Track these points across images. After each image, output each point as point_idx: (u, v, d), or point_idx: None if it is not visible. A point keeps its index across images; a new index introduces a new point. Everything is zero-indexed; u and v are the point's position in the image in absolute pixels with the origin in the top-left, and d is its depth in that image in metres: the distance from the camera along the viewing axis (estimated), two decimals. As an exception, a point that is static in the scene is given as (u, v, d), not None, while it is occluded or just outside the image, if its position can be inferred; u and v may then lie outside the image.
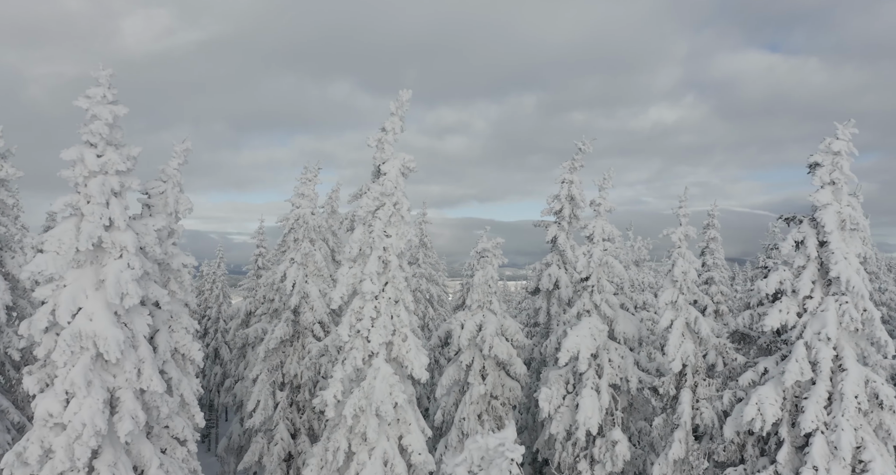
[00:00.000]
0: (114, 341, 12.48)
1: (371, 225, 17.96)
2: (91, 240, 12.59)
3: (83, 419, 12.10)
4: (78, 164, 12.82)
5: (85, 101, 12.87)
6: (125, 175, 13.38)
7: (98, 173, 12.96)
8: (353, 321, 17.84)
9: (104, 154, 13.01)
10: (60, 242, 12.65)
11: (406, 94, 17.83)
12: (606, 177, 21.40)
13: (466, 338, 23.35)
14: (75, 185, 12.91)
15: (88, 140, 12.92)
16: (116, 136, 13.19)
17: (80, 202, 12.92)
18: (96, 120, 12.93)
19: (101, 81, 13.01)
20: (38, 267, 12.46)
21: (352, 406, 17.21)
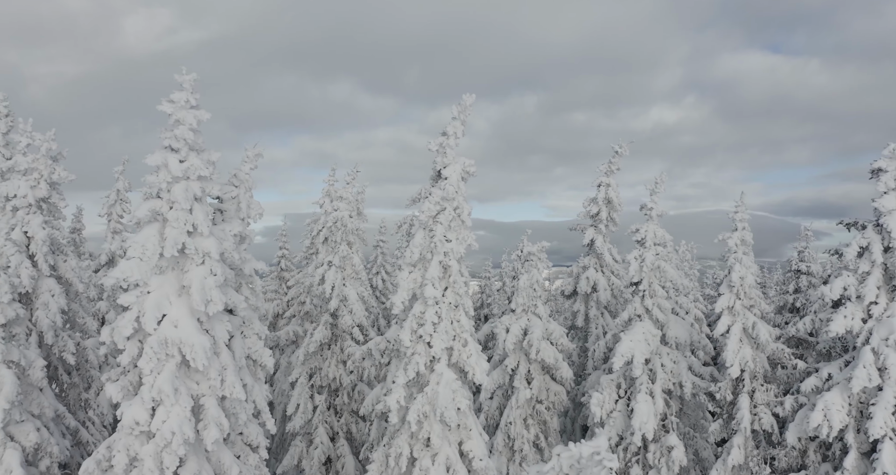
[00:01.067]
0: (200, 348, 12.38)
1: (432, 230, 17.87)
2: (176, 246, 12.49)
3: (172, 427, 12.00)
4: (162, 170, 12.72)
5: (169, 105, 12.76)
6: (206, 181, 13.28)
7: (181, 179, 12.86)
8: (415, 326, 17.75)
9: (187, 159, 12.91)
10: (144, 248, 12.56)
11: (469, 99, 17.75)
12: (658, 181, 21.33)
13: (512, 343, 23.30)
14: (158, 190, 12.80)
15: (171, 145, 12.81)
16: (198, 141, 13.09)
17: (163, 208, 12.82)
18: (180, 125, 12.83)
19: (184, 86, 12.91)
20: (123, 273, 12.36)
21: (416, 411, 17.13)
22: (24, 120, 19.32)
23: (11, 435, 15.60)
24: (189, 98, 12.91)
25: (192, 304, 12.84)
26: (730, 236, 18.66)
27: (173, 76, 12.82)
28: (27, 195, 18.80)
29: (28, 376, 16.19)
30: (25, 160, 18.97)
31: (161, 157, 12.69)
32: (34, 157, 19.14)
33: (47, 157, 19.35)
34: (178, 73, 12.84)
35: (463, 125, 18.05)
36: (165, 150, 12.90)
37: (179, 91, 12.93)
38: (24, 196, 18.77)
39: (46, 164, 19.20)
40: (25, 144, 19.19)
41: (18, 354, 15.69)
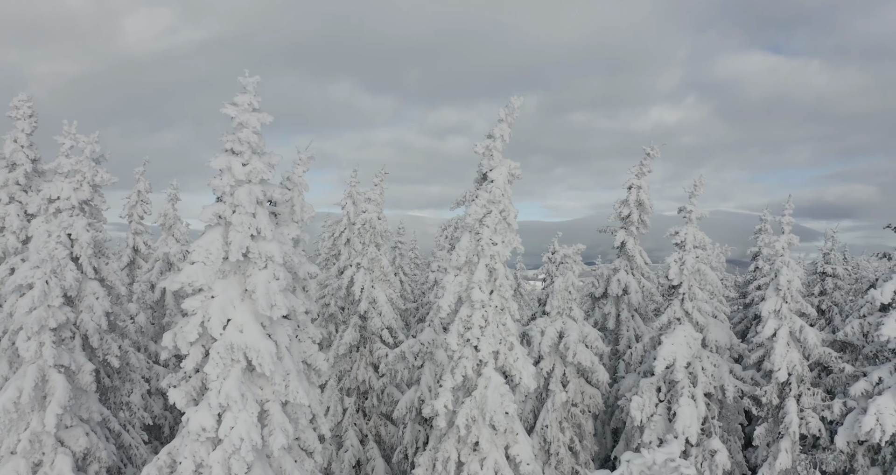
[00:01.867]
0: (267, 353, 12.29)
1: (478, 232, 17.80)
2: (241, 250, 12.41)
3: (240, 433, 11.90)
4: (225, 173, 12.63)
5: (232, 108, 12.68)
6: (266, 184, 13.20)
7: (244, 182, 12.78)
8: (461, 329, 17.68)
9: (249, 162, 12.82)
10: (208, 252, 12.46)
11: (518, 101, 17.68)
12: (697, 184, 21.26)
13: (548, 346, 23.21)
14: (222, 193, 12.71)
15: (234, 148, 12.72)
16: (261, 145, 13.00)
17: (226, 211, 12.73)
18: (244, 128, 12.74)
19: (248, 88, 12.83)
20: (188, 277, 12.27)
21: (464, 415, 17.06)
22: (67, 122, 19.23)
23: (62, 440, 15.52)
24: (252, 101, 12.83)
25: (255, 309, 12.76)
26: (777, 239, 18.59)
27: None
28: (70, 197, 18.73)
29: (77, 380, 16.09)
30: (69, 162, 18.91)
31: (225, 160, 12.60)
32: (77, 158, 19.05)
33: (90, 159, 19.26)
34: (241, 76, 12.75)
35: (509, 128, 17.97)
36: (227, 152, 12.81)
37: (242, 94, 12.85)
38: (68, 198, 18.71)
39: (89, 166, 19.11)
40: (69, 146, 19.11)
41: (69, 358, 15.60)
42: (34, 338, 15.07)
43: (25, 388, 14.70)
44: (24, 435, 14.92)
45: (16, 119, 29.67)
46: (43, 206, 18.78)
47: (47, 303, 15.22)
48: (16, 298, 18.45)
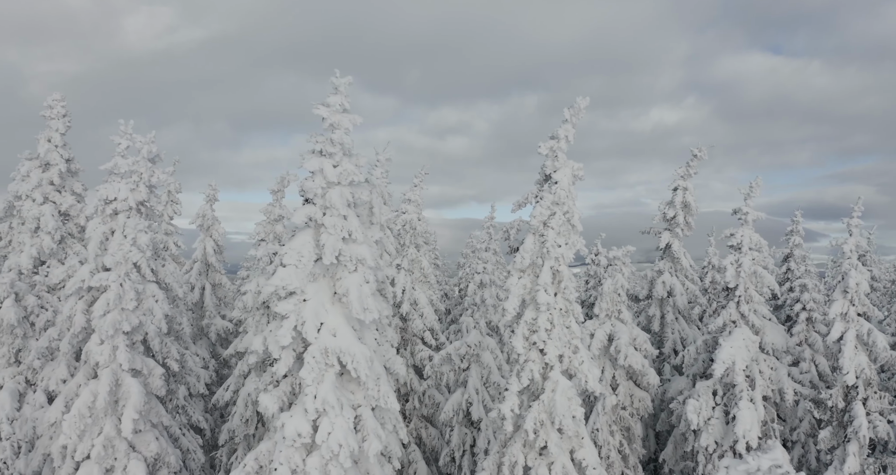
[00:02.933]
0: (363, 358, 12.12)
1: (543, 235, 17.64)
2: (334, 253, 12.23)
3: (338, 439, 11.73)
4: (317, 175, 12.45)
5: (324, 109, 12.50)
6: (354, 186, 13.02)
7: (335, 184, 12.60)
8: (527, 333, 17.51)
9: (340, 164, 12.65)
10: (300, 255, 12.29)
11: (584, 102, 17.53)
12: (753, 186, 21.12)
13: (597, 348, 23.07)
14: (313, 195, 12.53)
15: (325, 149, 12.54)
16: (350, 146, 12.83)
17: (317, 214, 12.55)
18: (336, 129, 12.57)
19: (339, 89, 12.65)
20: (282, 281, 12.09)
21: (532, 419, 16.88)
22: (124, 121, 19.02)
23: (133, 445, 15.31)
24: (343, 102, 12.66)
25: (345, 312, 12.59)
26: (845, 241, 18.46)
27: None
28: (127, 198, 18.53)
29: (148, 384, 15.89)
30: (126, 162, 18.70)
31: (317, 162, 12.42)
32: (134, 159, 18.84)
33: (147, 159, 19.05)
34: (333, 76, 12.57)
35: (574, 128, 17.82)
36: (318, 154, 12.62)
37: (333, 94, 12.67)
38: (125, 199, 18.51)
39: (146, 167, 18.90)
40: (125, 146, 18.90)
41: (140, 362, 15.40)
42: (108, 341, 14.87)
43: (100, 393, 14.50)
44: (98, 440, 14.72)
45: (49, 118, 29.43)
46: (100, 207, 18.57)
47: (121, 306, 15.01)
48: (74, 301, 18.28)
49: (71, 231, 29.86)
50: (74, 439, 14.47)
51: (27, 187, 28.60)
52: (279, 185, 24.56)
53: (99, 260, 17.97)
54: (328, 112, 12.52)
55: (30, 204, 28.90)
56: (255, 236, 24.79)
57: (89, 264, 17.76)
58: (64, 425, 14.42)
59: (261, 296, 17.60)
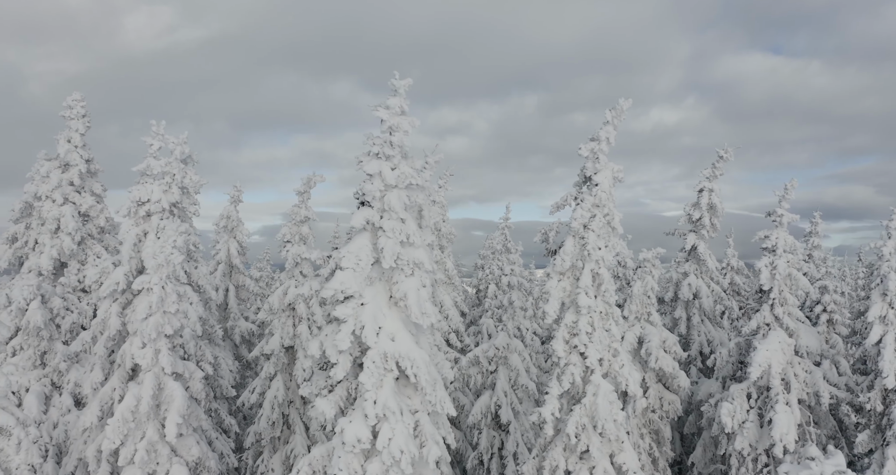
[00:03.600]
0: (422, 363, 11.97)
1: (583, 237, 17.52)
2: (393, 256, 12.07)
3: (399, 445, 11.57)
4: (376, 178, 12.29)
5: (384, 112, 12.33)
6: (410, 189, 12.86)
7: (393, 187, 12.44)
8: (567, 336, 17.39)
9: (398, 167, 12.49)
10: (358, 259, 12.12)
11: (626, 103, 17.41)
12: (788, 187, 21.01)
13: (627, 351, 22.93)
14: (372, 198, 12.37)
15: (384, 152, 12.38)
16: (408, 148, 12.67)
17: (375, 217, 12.39)
18: (395, 132, 12.40)
19: (399, 91, 12.48)
20: (341, 284, 11.92)
21: (574, 423, 16.76)
22: (156, 122, 18.81)
23: (175, 449, 15.13)
24: (402, 104, 12.50)
25: (402, 317, 12.43)
26: (884, 244, 18.38)
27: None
28: (160, 200, 18.33)
29: (188, 388, 15.71)
30: (158, 164, 18.50)
31: (376, 164, 12.25)
32: (166, 160, 18.64)
33: (179, 160, 18.85)
34: (393, 79, 12.41)
35: (615, 130, 17.70)
36: (376, 156, 12.45)
37: (393, 96, 12.50)
38: (158, 201, 18.31)
39: (178, 168, 18.70)
40: (157, 148, 18.69)
41: (182, 366, 15.21)
42: (150, 345, 14.67)
43: (144, 397, 14.32)
44: (141, 445, 14.53)
45: (69, 119, 29.21)
46: (132, 209, 18.35)
47: (163, 309, 14.82)
48: (109, 303, 18.08)
49: (91, 232, 29.62)
50: (118, 444, 14.24)
51: (47, 188, 28.34)
52: (305, 186, 24.36)
53: (133, 262, 17.78)
54: (388, 114, 12.36)
55: (49, 204, 28.65)
56: (281, 238, 24.60)
57: (123, 266, 17.55)
58: (107, 430, 14.21)
59: (317, 297, 17.36)
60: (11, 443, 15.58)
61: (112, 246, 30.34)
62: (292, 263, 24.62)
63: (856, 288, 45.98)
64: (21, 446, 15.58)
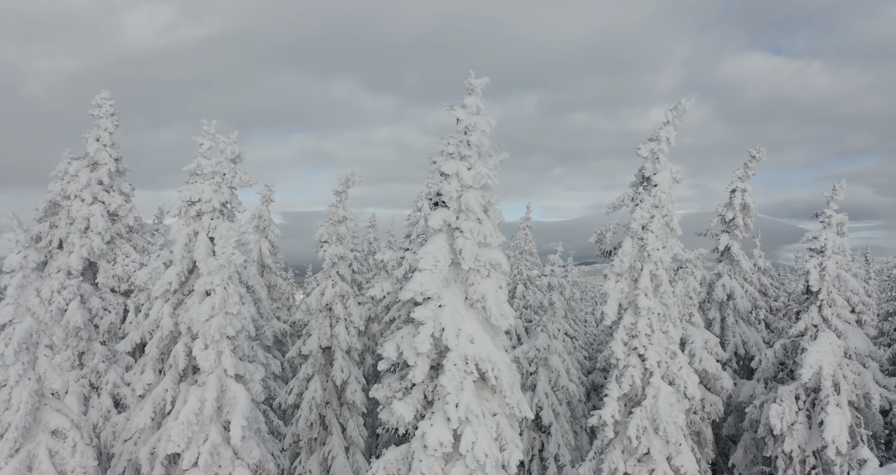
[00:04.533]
0: (504, 365, 11.79)
1: (642, 238, 17.35)
2: (473, 257, 11.89)
3: (484, 449, 11.39)
4: (452, 179, 12.10)
5: (461, 111, 12.14)
6: (486, 189, 12.67)
7: (470, 187, 12.25)
8: (626, 338, 17.23)
9: (474, 167, 12.30)
10: (436, 260, 11.93)
11: (688, 103, 17.24)
12: (836, 188, 20.85)
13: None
14: (448, 199, 12.18)
15: (461, 152, 12.19)
16: (485, 148, 12.48)
17: (451, 217, 12.20)
18: (471, 131, 12.21)
19: (475, 90, 12.29)
20: (420, 286, 11.74)
21: (635, 426, 16.60)
22: (206, 121, 18.59)
23: (237, 452, 14.93)
24: (479, 103, 12.31)
25: (480, 318, 12.25)
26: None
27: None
28: (211, 199, 18.11)
29: (249, 390, 15.51)
30: (209, 163, 18.27)
31: (454, 165, 12.07)
32: (217, 160, 18.42)
33: (229, 159, 18.62)
34: (469, 78, 12.21)
35: (675, 130, 17.53)
36: (452, 156, 12.27)
37: (469, 95, 12.31)
38: (209, 200, 18.08)
39: (229, 168, 18.48)
40: (207, 147, 18.47)
41: (243, 367, 15.02)
42: (212, 346, 14.47)
43: (208, 399, 14.12)
44: (204, 448, 14.33)
45: (98, 117, 29.02)
46: (183, 209, 18.11)
47: (226, 310, 14.62)
48: (161, 304, 17.86)
49: (119, 231, 29.43)
50: (182, 447, 14.04)
51: (76, 187, 28.14)
52: (343, 185, 24.17)
53: (184, 262, 17.57)
54: (464, 113, 12.17)
55: (78, 204, 28.44)
56: (318, 238, 24.41)
57: (175, 266, 17.34)
58: (172, 433, 14.01)
59: (392, 298, 17.07)
60: (67, 446, 15.33)
61: (140, 245, 30.19)
62: (329, 263, 24.44)
63: (881, 289, 45.80)
64: (76, 448, 15.34)
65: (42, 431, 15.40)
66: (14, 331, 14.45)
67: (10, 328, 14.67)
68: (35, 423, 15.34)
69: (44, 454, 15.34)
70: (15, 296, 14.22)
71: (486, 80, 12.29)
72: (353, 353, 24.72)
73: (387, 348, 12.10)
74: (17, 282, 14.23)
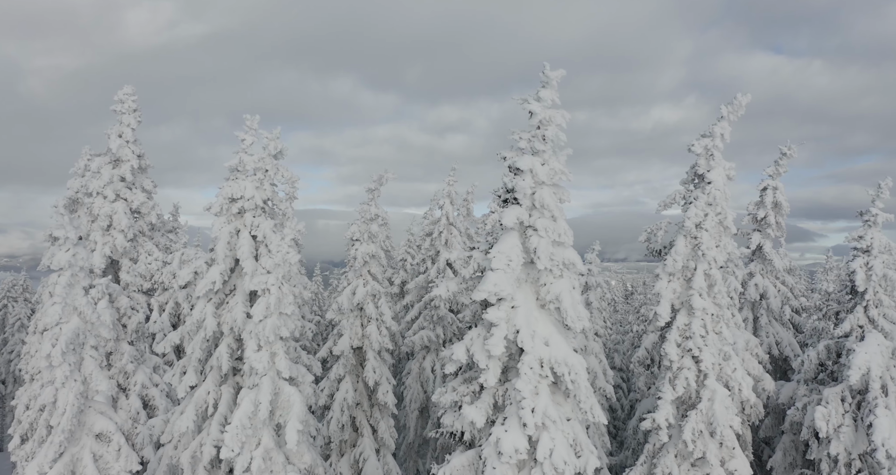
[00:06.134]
0: (581, 369, 11.40)
1: (696, 237, 16.97)
2: (548, 257, 11.49)
3: (563, 456, 11.00)
4: (526, 175, 11.70)
5: (536, 104, 11.73)
6: (557, 187, 12.26)
7: (543, 184, 11.85)
8: (679, 339, 16.86)
9: (547, 162, 11.89)
10: (508, 259, 11.53)
11: (745, 99, 16.88)
12: (882, 187, 20.49)
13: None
14: (522, 195, 11.77)
15: (535, 147, 11.78)
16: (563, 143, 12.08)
17: (524, 215, 11.80)
18: (546, 126, 11.80)
19: (551, 83, 11.87)
20: (494, 286, 11.33)
21: (690, 430, 16.24)
22: (250, 116, 18.13)
23: (289, 457, 14.52)
24: (554, 96, 11.89)
25: (553, 320, 11.86)
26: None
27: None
28: (253, 196, 17.67)
29: (301, 392, 15.08)
30: (251, 159, 17.83)
31: (529, 161, 11.66)
32: (259, 156, 17.97)
33: (271, 155, 18.17)
34: (545, 69, 11.80)
35: (730, 126, 17.16)
36: (521, 151, 11.86)
37: (544, 88, 11.90)
38: (251, 198, 17.64)
39: (271, 164, 18.04)
40: (249, 142, 18.02)
41: (296, 370, 14.60)
42: (266, 348, 14.05)
43: (262, 402, 13.69)
44: (257, 452, 13.91)
45: (121, 113, 28.59)
46: (225, 206, 17.67)
47: (280, 310, 14.19)
48: (204, 303, 17.41)
49: (142, 229, 28.97)
50: (236, 452, 13.62)
51: (98, 184, 27.70)
52: (375, 183, 23.75)
53: (227, 260, 17.13)
54: (539, 107, 11.76)
55: (101, 201, 28.00)
56: (350, 236, 23.99)
57: (219, 265, 16.90)
58: (226, 438, 13.57)
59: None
60: (111, 450, 14.93)
61: (162, 243, 29.72)
62: (361, 262, 24.03)
63: None
64: (121, 452, 14.93)
65: (86, 435, 15.01)
66: (61, 332, 14.04)
67: (56, 328, 14.25)
68: (79, 427, 14.94)
69: (88, 458, 14.95)
70: (63, 296, 13.79)
71: (562, 72, 11.88)
72: (385, 354, 24.31)
73: (456, 350, 11.69)
74: (65, 280, 13.80)
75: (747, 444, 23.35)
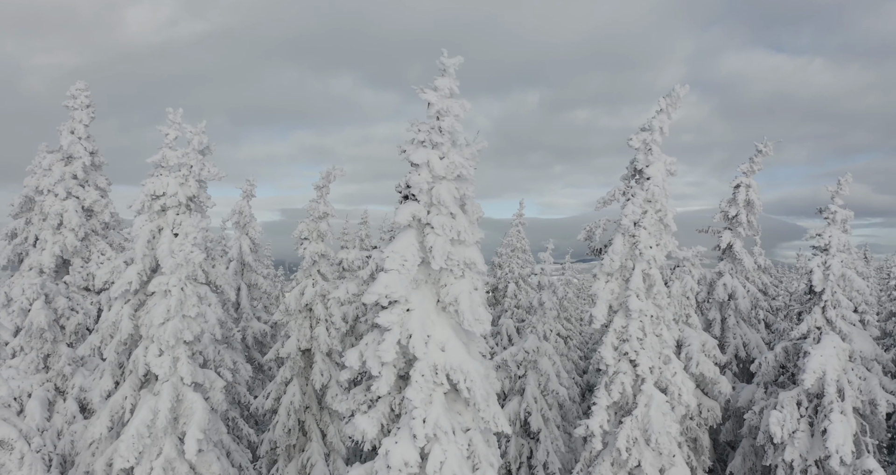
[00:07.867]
0: (477, 375, 10.67)
1: (634, 235, 16.24)
2: (444, 256, 10.76)
3: (453, 469, 10.28)
4: (423, 169, 10.97)
5: (432, 94, 11.00)
6: (460, 181, 11.53)
7: (442, 178, 11.12)
8: (617, 342, 16.13)
9: (447, 156, 11.16)
10: (403, 259, 10.81)
11: (683, 90, 16.11)
12: (841, 182, 19.71)
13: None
14: (418, 191, 11.05)
15: (432, 139, 11.05)
16: (459, 135, 11.35)
17: (422, 212, 11.07)
18: (444, 116, 11.07)
19: (448, 71, 11.14)
20: (386, 288, 10.61)
21: (625, 437, 15.52)
22: (172, 110, 17.44)
23: (194, 466, 13.82)
24: (452, 85, 11.16)
25: (453, 323, 11.14)
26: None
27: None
28: (177, 193, 16.99)
29: (209, 399, 14.39)
30: (175, 154, 17.15)
31: (424, 154, 10.93)
32: (183, 151, 17.29)
33: (196, 151, 17.50)
34: (441, 57, 11.07)
35: (669, 119, 16.41)
36: (423, 144, 11.13)
37: (442, 76, 11.16)
38: (174, 194, 16.96)
39: (196, 160, 17.35)
40: (173, 137, 17.33)
41: (202, 375, 13.90)
42: (168, 352, 13.36)
43: (161, 410, 13.01)
44: (157, 462, 13.24)
45: (73, 109, 27.94)
46: (146, 203, 17.00)
47: (182, 312, 13.50)
48: (121, 305, 16.75)
49: (95, 228, 28.31)
50: (132, 462, 12.94)
51: (49, 181, 27.05)
52: (324, 180, 23.03)
53: (146, 260, 16.44)
54: (436, 97, 11.02)
55: (52, 199, 27.36)
56: (297, 235, 23.29)
57: (136, 265, 16.22)
58: (121, 447, 12.92)
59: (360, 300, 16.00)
60: (13, 458, 14.26)
61: (117, 243, 29.05)
62: (309, 262, 23.32)
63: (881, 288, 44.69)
64: (24, 461, 14.27)
65: (-15, 443, 14.36)
66: (-48, 336, 13.38)
67: (-52, 332, 13.60)
68: (-23, 435, 14.29)
69: (-12, 467, 14.29)
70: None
71: (459, 59, 11.13)
72: (335, 356, 23.61)
73: (349, 357, 10.98)
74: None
75: (704, 448, 22.61)
